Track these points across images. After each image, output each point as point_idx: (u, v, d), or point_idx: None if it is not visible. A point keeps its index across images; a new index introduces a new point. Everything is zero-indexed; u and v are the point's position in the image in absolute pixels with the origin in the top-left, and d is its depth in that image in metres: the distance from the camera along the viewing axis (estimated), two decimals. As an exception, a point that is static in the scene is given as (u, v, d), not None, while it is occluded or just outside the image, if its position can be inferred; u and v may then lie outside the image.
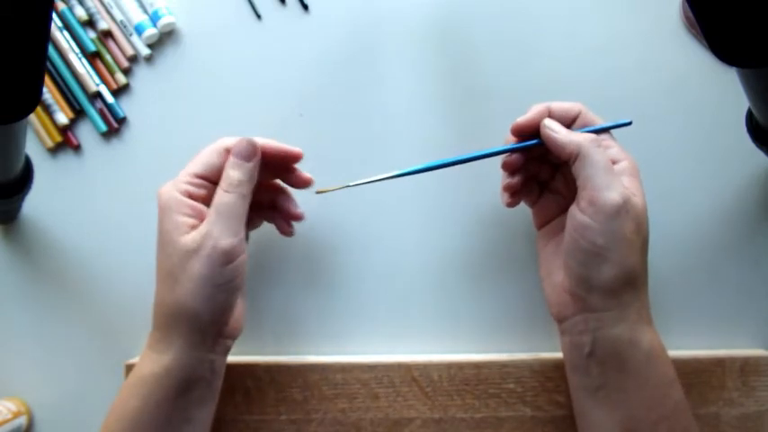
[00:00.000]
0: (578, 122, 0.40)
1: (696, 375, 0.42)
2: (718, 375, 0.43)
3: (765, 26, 0.29)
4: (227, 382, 0.41)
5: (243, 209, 0.38)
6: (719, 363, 0.43)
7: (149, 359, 0.37)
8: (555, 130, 0.38)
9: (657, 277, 0.45)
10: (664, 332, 0.37)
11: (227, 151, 0.39)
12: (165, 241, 0.37)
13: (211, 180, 0.39)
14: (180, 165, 0.42)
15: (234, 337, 0.40)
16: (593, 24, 0.46)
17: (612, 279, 0.35)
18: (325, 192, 0.41)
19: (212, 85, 0.47)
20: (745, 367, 0.43)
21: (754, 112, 0.39)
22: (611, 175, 0.36)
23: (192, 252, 0.36)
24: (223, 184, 0.38)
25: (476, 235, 0.46)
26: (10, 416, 0.44)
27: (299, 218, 0.43)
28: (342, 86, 0.47)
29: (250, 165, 0.39)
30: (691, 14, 0.44)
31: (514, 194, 0.42)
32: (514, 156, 0.41)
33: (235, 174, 0.38)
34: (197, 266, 0.36)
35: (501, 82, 0.46)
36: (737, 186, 0.45)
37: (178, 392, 0.36)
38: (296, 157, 0.42)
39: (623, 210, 0.35)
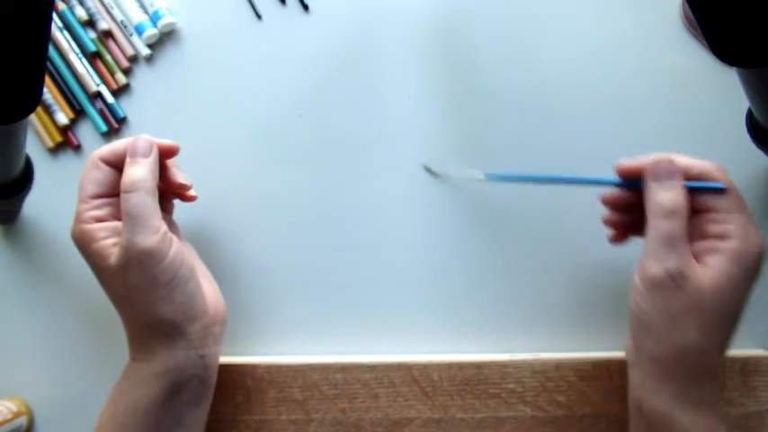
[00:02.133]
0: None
1: (696, 375, 0.42)
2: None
3: (765, 26, 0.29)
4: (228, 382, 0.41)
5: (152, 204, 0.37)
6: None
7: (135, 368, 0.37)
8: (652, 174, 0.36)
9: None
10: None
11: (103, 161, 0.38)
12: (98, 273, 0.37)
13: (107, 195, 0.38)
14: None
15: (220, 323, 0.39)
16: (593, 24, 0.46)
17: (654, 350, 0.34)
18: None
19: (212, 85, 0.47)
20: (745, 367, 0.43)
21: (754, 112, 0.39)
22: (668, 246, 0.34)
23: (123, 268, 0.36)
24: (124, 186, 0.37)
25: (476, 234, 0.46)
26: (10, 416, 0.44)
27: (187, 189, 0.42)
28: (342, 86, 0.47)
29: (148, 160, 0.38)
30: (691, 14, 0.44)
31: (620, 230, 0.40)
32: (614, 193, 0.39)
33: (134, 172, 0.37)
34: (135, 278, 0.35)
35: (501, 81, 0.46)
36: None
37: (168, 396, 0.36)
38: (171, 151, 0.40)
39: (668, 285, 0.33)
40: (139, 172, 0.37)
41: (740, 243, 0.34)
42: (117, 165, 0.39)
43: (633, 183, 0.37)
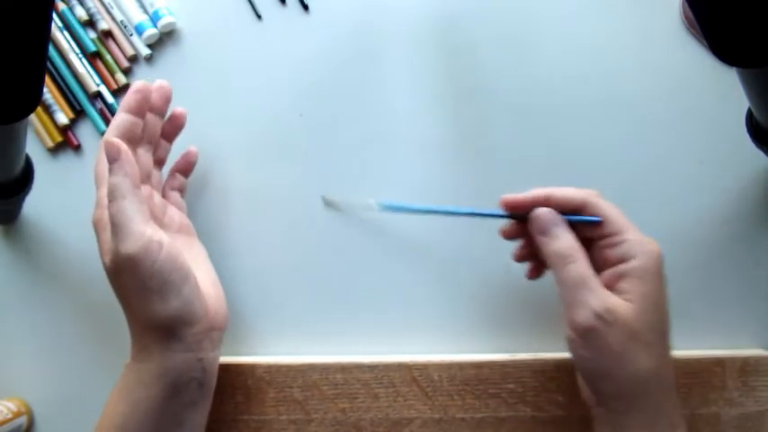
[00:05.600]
0: (585, 213, 0.37)
1: (696, 375, 0.42)
2: (718, 375, 0.43)
3: (765, 26, 0.29)
4: (228, 382, 0.41)
5: (135, 209, 0.36)
6: (719, 363, 0.43)
7: (134, 369, 0.37)
8: (537, 229, 0.37)
9: (657, 277, 0.45)
10: (664, 332, 0.37)
11: (119, 137, 0.39)
12: (102, 266, 0.37)
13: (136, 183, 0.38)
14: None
15: (219, 329, 0.39)
16: (592, 24, 0.46)
17: (610, 389, 0.35)
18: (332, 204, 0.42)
19: (212, 85, 0.47)
20: (745, 367, 0.43)
21: (754, 112, 0.39)
22: (582, 289, 0.35)
23: (116, 271, 0.36)
24: (107, 195, 0.36)
25: (476, 234, 0.46)
26: (10, 416, 0.44)
27: (193, 157, 0.43)
28: (342, 86, 0.47)
29: (118, 163, 0.36)
30: (691, 14, 0.44)
31: (533, 262, 0.41)
32: (509, 225, 0.40)
33: (110, 180, 0.36)
34: (127, 282, 0.36)
35: (501, 81, 0.46)
36: (737, 186, 0.45)
37: (166, 398, 0.36)
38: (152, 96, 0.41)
39: (599, 325, 0.34)
40: (112, 179, 0.36)
41: (642, 260, 0.35)
42: (127, 140, 0.39)
43: (524, 216, 0.38)
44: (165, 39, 0.47)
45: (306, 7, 0.47)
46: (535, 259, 0.41)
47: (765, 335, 0.45)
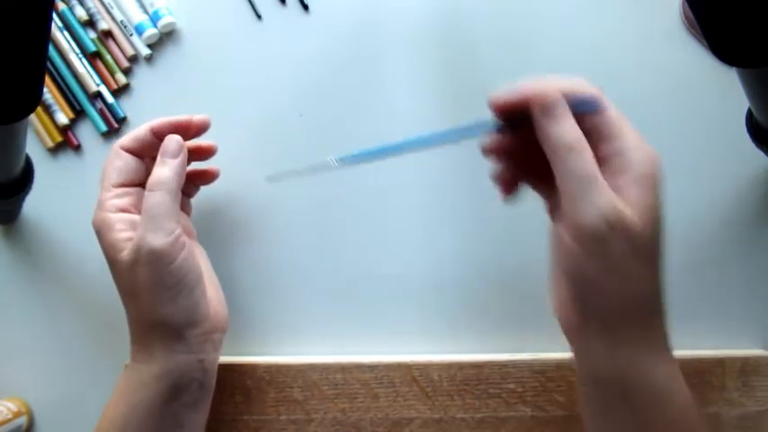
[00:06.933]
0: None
1: (696, 375, 0.42)
2: (718, 375, 0.43)
3: (765, 26, 0.29)
4: (228, 382, 0.41)
5: (172, 206, 0.37)
6: (719, 363, 0.43)
7: (135, 370, 0.37)
8: (542, 108, 0.31)
9: (657, 277, 0.45)
10: (664, 332, 0.37)
11: (125, 149, 0.39)
12: (109, 264, 0.37)
13: (129, 184, 0.39)
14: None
15: (220, 331, 0.39)
16: (592, 24, 0.46)
17: (610, 309, 0.31)
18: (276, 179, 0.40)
19: (212, 85, 0.47)
20: (745, 367, 0.43)
21: (754, 112, 0.39)
22: (590, 187, 0.30)
23: (133, 264, 0.36)
24: (149, 184, 0.37)
25: (476, 234, 0.46)
26: (10, 416, 0.44)
27: (214, 176, 0.44)
28: (342, 86, 0.47)
29: (176, 161, 0.38)
30: (691, 14, 0.44)
31: (508, 186, 0.36)
32: (494, 138, 0.35)
33: (162, 171, 0.37)
34: (143, 277, 0.35)
35: (501, 81, 0.46)
36: (737, 186, 0.45)
37: (167, 399, 0.36)
38: (201, 128, 0.41)
39: (608, 233, 0.29)
40: (165, 172, 0.37)
41: (648, 167, 0.31)
42: (139, 153, 0.39)
43: (511, 123, 0.33)
44: (165, 39, 0.47)
45: (306, 7, 0.47)
46: (517, 179, 0.36)
47: (765, 335, 0.45)
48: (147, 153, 0.40)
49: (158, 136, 0.40)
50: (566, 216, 0.31)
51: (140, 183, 0.39)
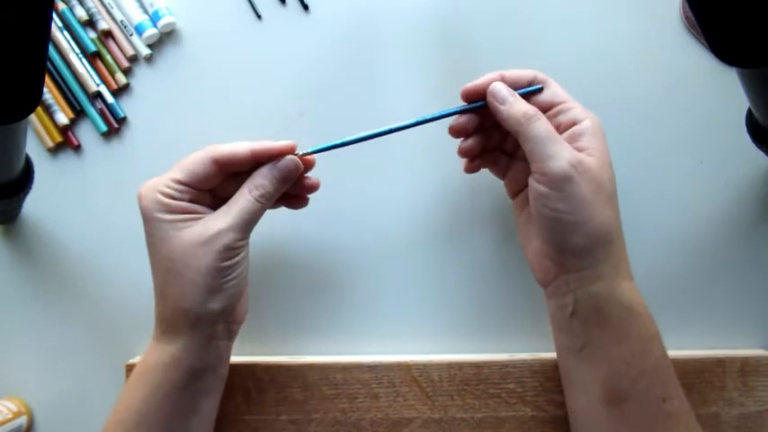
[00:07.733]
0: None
1: (696, 375, 0.42)
2: (718, 375, 0.43)
3: (765, 26, 0.29)
4: (228, 382, 0.41)
5: (260, 217, 0.38)
6: (719, 363, 0.43)
7: (156, 350, 0.37)
8: (499, 99, 0.38)
9: (658, 277, 0.45)
10: (664, 332, 0.37)
11: (215, 163, 0.38)
12: (160, 238, 0.37)
13: (194, 187, 0.38)
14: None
15: (240, 322, 0.40)
16: (592, 24, 0.46)
17: (582, 241, 0.36)
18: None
19: (212, 85, 0.47)
20: (745, 367, 0.43)
21: (754, 112, 0.39)
22: (554, 143, 0.36)
23: (200, 245, 0.36)
24: (253, 189, 0.38)
25: (476, 234, 0.46)
26: (10, 416, 0.44)
27: (315, 187, 0.42)
28: (342, 86, 0.47)
29: (286, 186, 0.39)
30: (691, 14, 0.44)
31: (473, 159, 0.42)
32: (462, 119, 0.41)
33: (269, 186, 0.38)
34: (205, 259, 0.36)
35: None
36: (737, 186, 0.45)
37: (186, 382, 0.37)
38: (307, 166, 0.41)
39: (574, 174, 0.35)
40: (270, 189, 0.38)
41: (594, 120, 0.38)
42: (224, 167, 0.38)
43: (474, 106, 0.40)
44: (165, 39, 0.47)
45: (306, 7, 0.47)
46: (482, 154, 0.42)
47: (765, 335, 0.45)
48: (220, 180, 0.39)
49: (257, 161, 0.39)
50: (537, 173, 0.37)
51: (201, 189, 0.38)
